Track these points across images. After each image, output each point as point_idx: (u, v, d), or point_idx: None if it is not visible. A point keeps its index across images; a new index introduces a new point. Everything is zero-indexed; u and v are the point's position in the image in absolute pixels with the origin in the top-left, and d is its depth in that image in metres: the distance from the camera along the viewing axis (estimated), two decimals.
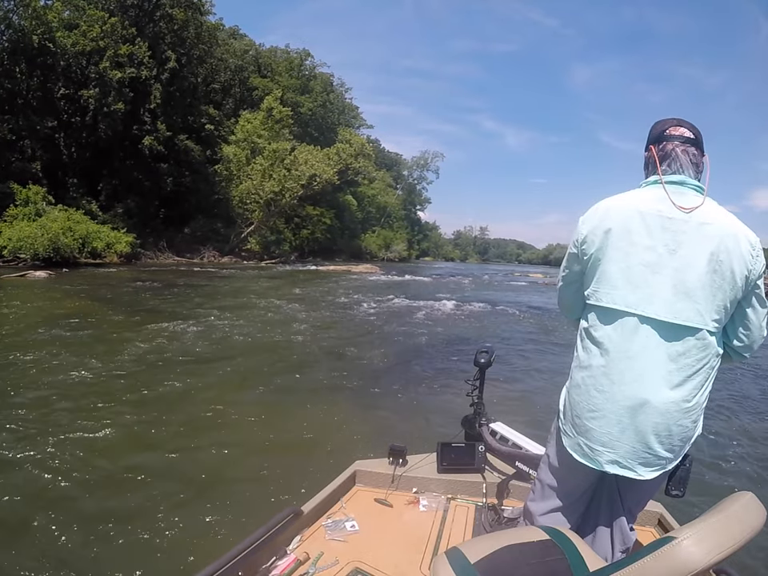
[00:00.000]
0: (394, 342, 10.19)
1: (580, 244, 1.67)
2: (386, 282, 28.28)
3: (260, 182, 39.37)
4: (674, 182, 1.61)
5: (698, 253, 1.52)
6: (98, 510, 3.39)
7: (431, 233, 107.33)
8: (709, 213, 1.55)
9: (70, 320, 9.98)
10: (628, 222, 1.58)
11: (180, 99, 37.85)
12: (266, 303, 14.45)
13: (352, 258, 50.67)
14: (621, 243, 1.57)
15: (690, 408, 1.57)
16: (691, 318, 1.52)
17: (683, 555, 0.95)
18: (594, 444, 1.63)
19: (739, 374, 9.03)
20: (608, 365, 1.60)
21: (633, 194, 1.66)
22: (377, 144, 75.95)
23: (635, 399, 1.56)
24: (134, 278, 20.25)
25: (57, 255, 23.35)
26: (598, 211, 1.66)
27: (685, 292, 1.52)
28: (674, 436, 1.58)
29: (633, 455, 1.59)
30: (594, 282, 1.64)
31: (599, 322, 1.64)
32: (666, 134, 1.68)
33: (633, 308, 1.55)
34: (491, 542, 1.48)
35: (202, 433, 4.81)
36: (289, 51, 55.95)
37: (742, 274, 1.52)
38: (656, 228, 1.55)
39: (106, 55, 31.78)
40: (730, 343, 1.67)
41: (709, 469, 4.72)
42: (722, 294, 1.52)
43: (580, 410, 1.66)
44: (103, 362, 6.89)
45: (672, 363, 1.55)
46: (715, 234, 1.52)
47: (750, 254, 1.53)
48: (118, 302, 13.19)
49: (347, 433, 5.02)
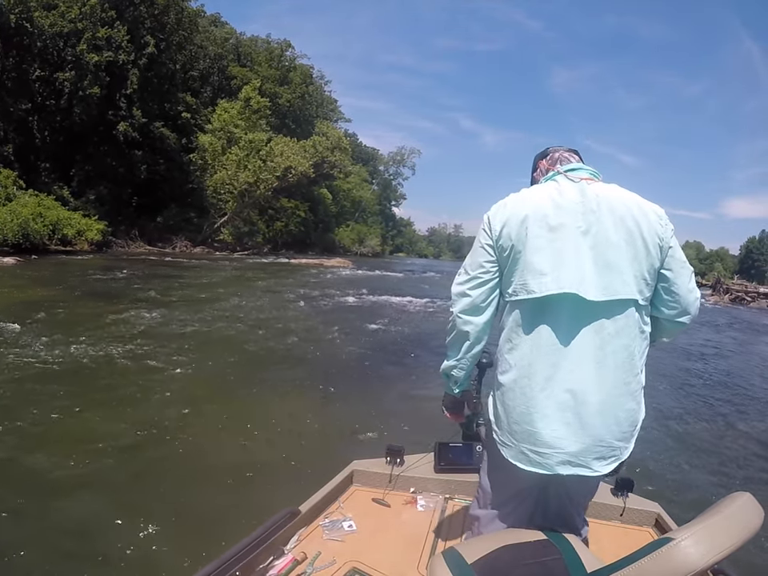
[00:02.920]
0: (386, 340, 10.28)
1: (495, 240, 1.61)
2: (358, 276, 28.34)
3: (235, 172, 39.17)
4: (573, 168, 1.67)
5: (608, 228, 1.52)
6: (95, 509, 3.42)
7: (405, 229, 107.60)
8: (611, 191, 1.60)
9: (32, 307, 9.91)
10: (542, 207, 1.56)
11: (157, 86, 37.35)
12: (238, 296, 14.43)
13: (325, 252, 50.62)
14: (540, 230, 1.54)
15: (632, 390, 1.55)
16: (618, 290, 1.50)
17: (681, 556, 0.96)
18: (540, 448, 1.53)
19: (739, 375, 9.41)
20: (539, 359, 1.53)
21: (537, 187, 1.68)
22: (354, 138, 75.98)
23: (575, 390, 1.50)
24: (103, 266, 20.19)
25: (26, 242, 23.18)
26: (506, 204, 1.63)
27: (606, 266, 1.51)
28: (623, 422, 1.54)
29: (584, 451, 1.52)
30: (518, 276, 1.57)
31: (524, 318, 1.57)
32: (549, 150, 1.80)
33: (567, 288, 1.49)
34: (489, 542, 1.49)
35: (194, 433, 4.80)
36: (269, 41, 55.47)
37: (654, 242, 1.53)
38: (568, 211, 1.55)
39: (83, 38, 31.36)
40: (663, 315, 1.65)
41: (706, 468, 4.85)
42: (637, 264, 1.52)
43: (517, 416, 1.56)
44: (64, 352, 6.86)
45: (607, 346, 1.51)
46: (621, 208, 1.55)
47: (658, 223, 1.55)
48: (85, 291, 13.15)
49: (344, 432, 5.05)
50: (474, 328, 1.66)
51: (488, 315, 1.66)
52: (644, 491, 2.77)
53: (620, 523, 2.38)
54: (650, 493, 3.20)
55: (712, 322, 21.85)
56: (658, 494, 3.61)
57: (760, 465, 5.15)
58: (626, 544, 2.15)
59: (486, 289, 1.63)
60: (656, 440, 5.52)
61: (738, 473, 4.88)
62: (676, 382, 8.52)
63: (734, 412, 7.13)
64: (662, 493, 4.03)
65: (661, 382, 8.35)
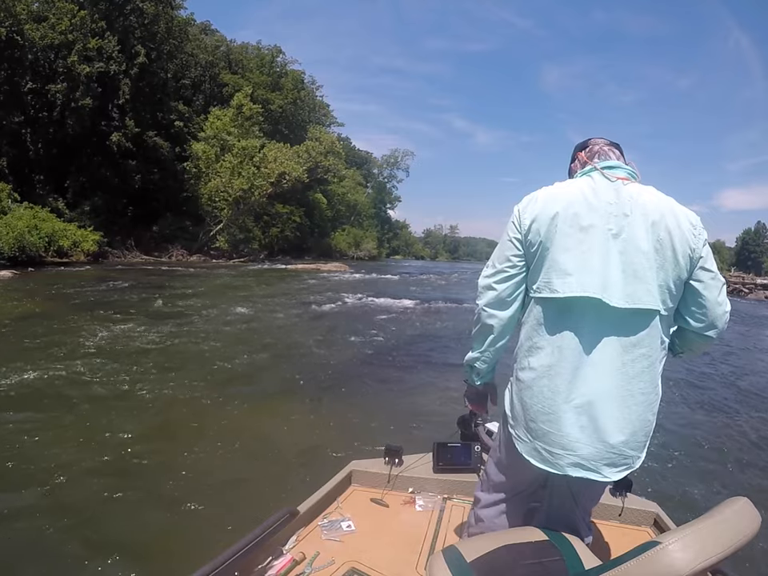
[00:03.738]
0: (384, 343, 10.31)
1: (524, 235, 1.58)
2: (356, 280, 28.33)
3: (229, 179, 39.19)
4: (610, 165, 1.61)
5: (639, 234, 1.49)
6: (91, 509, 3.43)
7: (401, 231, 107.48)
8: (646, 195, 1.55)
9: (29, 321, 9.96)
10: (574, 205, 1.53)
11: (149, 95, 37.46)
12: (235, 303, 14.35)
13: (322, 257, 50.59)
14: (570, 229, 1.51)
15: (650, 400, 1.54)
16: (643, 300, 1.48)
17: (667, 560, 0.95)
18: (554, 448, 1.53)
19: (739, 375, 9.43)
20: (560, 363, 1.52)
21: (571, 182, 1.63)
22: (347, 142, 76.13)
23: (592, 397, 1.49)
24: (100, 277, 20.16)
25: (22, 254, 23.18)
26: (537, 199, 1.59)
27: (633, 274, 1.48)
28: (638, 432, 1.53)
29: (596, 456, 1.51)
30: (543, 273, 1.55)
31: (548, 317, 1.56)
32: (590, 142, 1.75)
33: (591, 292, 1.48)
34: (489, 541, 1.48)
35: (193, 434, 4.83)
36: (260, 48, 55.60)
37: (684, 252, 1.49)
38: (600, 212, 1.51)
39: (74, 49, 31.49)
40: (689, 327, 1.62)
41: (706, 468, 4.86)
42: (664, 273, 1.49)
43: (534, 414, 1.56)
44: (66, 365, 6.82)
45: (627, 354, 1.49)
46: (655, 214, 1.50)
47: (691, 233, 1.51)
48: (82, 303, 13.08)
49: (342, 433, 5.06)
50: (498, 322, 1.65)
51: (513, 310, 1.65)
52: (643, 491, 2.78)
53: (618, 523, 2.38)
54: (649, 493, 3.20)
55: None
56: (656, 494, 3.58)
57: (762, 465, 5.12)
58: (624, 544, 2.16)
59: (513, 283, 1.62)
60: (655, 440, 5.43)
61: (739, 474, 4.86)
62: (675, 378, 8.49)
63: (735, 409, 7.10)
64: (661, 493, 4.00)
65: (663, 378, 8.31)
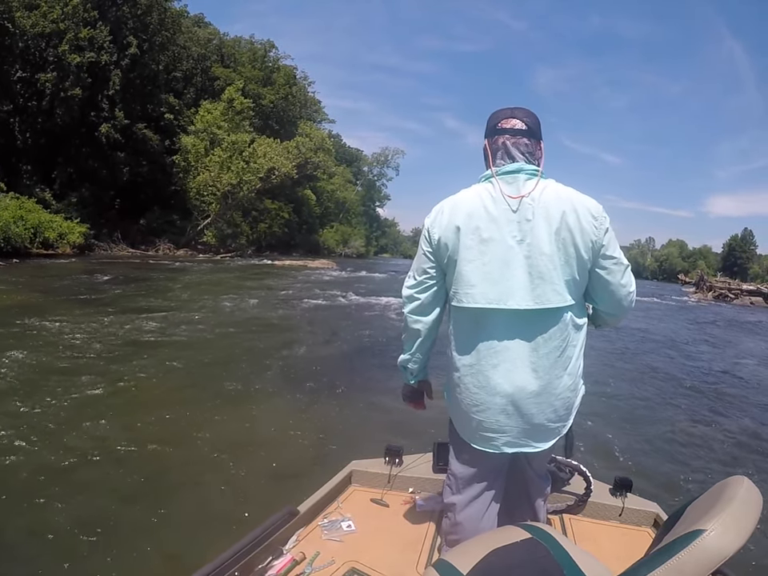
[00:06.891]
0: (381, 341, 10.27)
1: (435, 249, 1.68)
2: (343, 277, 28.22)
3: (218, 173, 39.14)
4: (509, 171, 1.63)
5: (542, 237, 1.55)
6: (90, 508, 3.42)
7: (390, 229, 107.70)
8: (546, 195, 1.59)
9: (11, 312, 9.88)
10: (474, 218, 1.60)
11: (140, 87, 37.12)
12: (222, 298, 14.38)
13: (309, 253, 50.56)
14: (471, 242, 1.59)
15: (565, 383, 1.65)
16: (552, 300, 1.57)
17: (716, 545, 0.99)
18: (487, 432, 1.68)
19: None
20: (480, 362, 1.64)
21: (473, 190, 1.68)
22: (338, 139, 76.12)
23: (513, 387, 1.61)
24: (85, 269, 20.10)
25: (7, 245, 22.96)
26: (443, 211, 1.68)
27: (539, 276, 1.55)
28: (559, 408, 1.66)
29: (525, 434, 1.66)
30: (454, 284, 1.66)
31: (464, 322, 1.68)
32: (498, 127, 1.70)
33: (494, 303, 1.57)
34: (474, 548, 1.47)
35: (191, 434, 4.79)
36: (253, 42, 55.28)
37: (586, 246, 1.56)
38: (502, 220, 1.58)
39: (65, 38, 31.19)
40: (599, 307, 1.74)
41: (706, 468, 4.94)
42: (569, 269, 1.57)
43: (466, 406, 1.70)
44: (48, 358, 6.80)
45: (541, 349, 1.60)
46: (555, 214, 1.56)
47: (592, 225, 1.57)
48: (67, 296, 12.86)
49: (342, 433, 5.07)
50: (423, 326, 1.82)
51: (436, 314, 1.81)
52: (643, 491, 2.84)
53: (619, 523, 2.39)
54: (649, 493, 3.20)
55: (696, 319, 21.98)
56: (657, 493, 3.72)
57: (753, 458, 5.32)
58: (624, 544, 2.19)
59: (432, 292, 1.76)
60: (655, 440, 5.64)
61: (737, 471, 4.71)
62: (665, 379, 8.73)
63: (729, 410, 7.26)
64: (660, 493, 4.05)
65: (652, 382, 8.56)
